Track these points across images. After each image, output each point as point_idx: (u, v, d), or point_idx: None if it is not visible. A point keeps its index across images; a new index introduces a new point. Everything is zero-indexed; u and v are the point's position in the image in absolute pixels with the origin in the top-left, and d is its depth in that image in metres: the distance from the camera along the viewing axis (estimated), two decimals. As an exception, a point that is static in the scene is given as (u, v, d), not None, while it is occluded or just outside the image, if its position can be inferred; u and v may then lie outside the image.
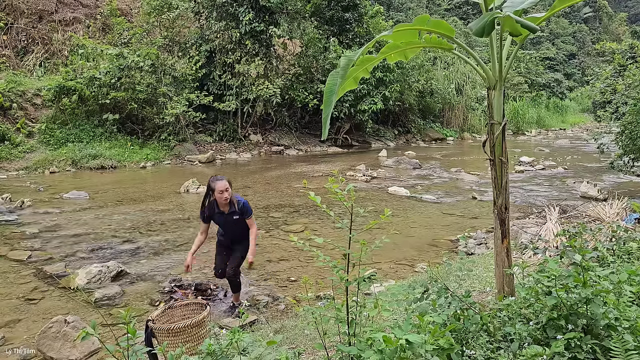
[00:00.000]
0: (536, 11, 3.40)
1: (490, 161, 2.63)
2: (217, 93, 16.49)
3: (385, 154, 16.51)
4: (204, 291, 4.67)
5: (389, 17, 28.04)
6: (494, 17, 2.12)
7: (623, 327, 1.89)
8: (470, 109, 25.58)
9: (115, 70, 13.84)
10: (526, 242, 5.36)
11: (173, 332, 2.99)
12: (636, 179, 10.63)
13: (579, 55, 47.51)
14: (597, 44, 12.79)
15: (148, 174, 12.77)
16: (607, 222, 5.19)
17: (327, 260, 2.04)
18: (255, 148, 17.23)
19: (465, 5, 40.26)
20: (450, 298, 2.18)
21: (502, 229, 2.63)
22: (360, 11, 19.60)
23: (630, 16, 54.60)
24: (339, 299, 2.05)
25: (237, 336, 1.85)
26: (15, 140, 12.76)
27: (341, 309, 1.95)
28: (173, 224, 7.33)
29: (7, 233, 6.77)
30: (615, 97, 9.56)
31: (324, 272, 5.04)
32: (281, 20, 17.48)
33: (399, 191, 9.77)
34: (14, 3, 16.37)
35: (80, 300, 4.50)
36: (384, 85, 18.45)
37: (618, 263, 2.93)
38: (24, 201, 8.43)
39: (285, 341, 3.21)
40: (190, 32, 17.60)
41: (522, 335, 1.96)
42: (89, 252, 5.99)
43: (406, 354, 1.64)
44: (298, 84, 18.12)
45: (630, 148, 8.58)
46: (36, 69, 15.98)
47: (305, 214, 7.95)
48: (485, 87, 2.65)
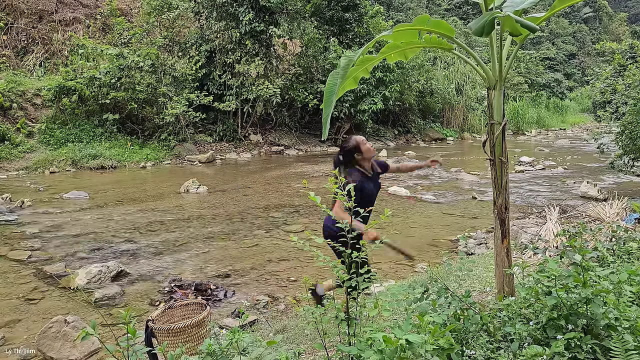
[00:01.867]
0: (536, 11, 3.40)
1: (490, 161, 2.64)
2: (217, 93, 16.49)
3: (385, 154, 16.51)
4: (204, 291, 4.67)
5: (389, 17, 28.03)
6: (493, 17, 2.12)
7: (623, 327, 1.89)
8: (470, 109, 25.57)
9: (115, 70, 13.84)
10: (526, 242, 5.36)
11: (173, 332, 2.98)
12: (636, 179, 10.63)
13: (579, 55, 47.50)
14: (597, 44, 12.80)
15: (148, 174, 12.77)
16: (607, 222, 5.19)
17: (327, 260, 2.04)
18: (255, 148, 17.23)
19: (465, 5, 40.26)
20: (450, 298, 2.18)
21: (502, 229, 2.63)
22: (360, 11, 19.60)
23: (630, 16, 54.59)
24: (339, 299, 2.05)
25: (237, 336, 1.85)
26: (15, 140, 12.76)
27: (341, 309, 1.95)
28: (173, 224, 7.33)
29: (7, 233, 6.77)
30: (615, 97, 9.55)
31: (324, 272, 5.04)
32: (281, 20, 17.48)
33: (399, 191, 9.77)
34: (14, 3, 16.37)
35: (80, 300, 4.50)
36: (384, 85, 18.45)
37: (618, 263, 2.93)
38: (24, 201, 8.43)
39: (285, 341, 3.21)
40: (190, 32, 17.60)
41: (522, 335, 1.96)
42: (89, 252, 5.99)
43: (406, 354, 1.64)
44: (298, 84, 18.12)
45: (630, 148, 8.58)
46: (36, 69, 15.98)
47: (305, 214, 7.95)
48: (485, 87, 2.65)
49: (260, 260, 5.66)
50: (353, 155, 3.35)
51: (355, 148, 3.33)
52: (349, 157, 3.36)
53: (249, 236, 6.70)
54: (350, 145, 3.35)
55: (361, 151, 3.33)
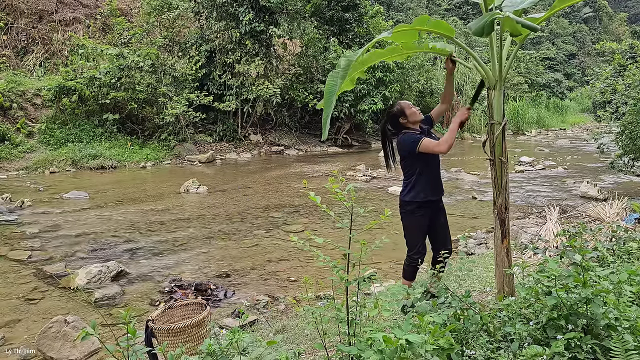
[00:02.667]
0: (536, 11, 3.40)
1: (490, 161, 2.64)
2: (217, 93, 16.49)
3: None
4: (204, 291, 4.67)
5: (389, 17, 28.03)
6: (493, 17, 2.12)
7: (623, 327, 1.89)
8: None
9: (115, 70, 13.83)
10: (526, 242, 5.36)
11: (173, 332, 2.98)
12: (636, 179, 10.63)
13: (579, 55, 47.49)
14: (597, 44, 12.78)
15: (148, 174, 12.77)
16: (607, 222, 5.19)
17: (327, 260, 2.04)
18: (255, 148, 17.23)
19: (465, 5, 40.25)
20: (450, 298, 2.18)
21: (502, 229, 2.63)
22: (360, 11, 19.59)
23: (630, 16, 54.57)
24: (339, 299, 2.05)
25: (237, 336, 1.85)
26: (15, 140, 12.76)
27: (341, 309, 1.95)
28: (173, 224, 7.33)
29: (7, 233, 6.77)
30: (615, 97, 9.54)
31: (324, 272, 5.04)
32: (281, 20, 17.48)
33: (399, 191, 9.76)
34: (14, 3, 16.36)
35: (80, 300, 4.50)
36: (384, 85, 18.44)
37: (618, 263, 2.93)
38: (24, 201, 8.43)
39: (285, 341, 3.21)
40: (190, 32, 17.60)
41: (522, 335, 1.96)
42: (89, 252, 5.99)
43: (406, 354, 1.64)
44: (298, 84, 18.12)
45: (630, 148, 8.57)
46: (36, 69, 15.98)
47: (305, 214, 7.95)
48: (486, 87, 2.65)
49: (260, 260, 5.66)
50: (398, 120, 3.35)
51: (400, 112, 3.33)
52: (395, 122, 3.36)
53: (249, 236, 6.70)
54: (395, 110, 3.36)
55: (406, 115, 3.33)
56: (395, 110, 3.37)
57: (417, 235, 3.38)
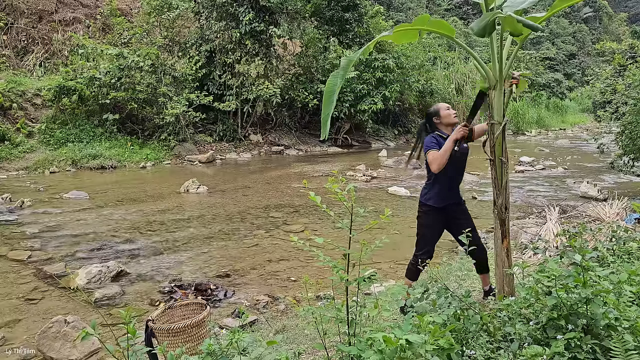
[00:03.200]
0: (536, 11, 3.40)
1: (490, 161, 2.64)
2: (217, 93, 16.49)
3: (385, 154, 16.51)
4: (204, 291, 4.67)
5: (389, 17, 27.99)
6: (495, 17, 2.12)
7: (623, 327, 1.89)
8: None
9: (115, 70, 13.83)
10: (526, 242, 5.36)
11: (173, 332, 2.98)
12: (636, 179, 10.63)
13: (579, 55, 47.49)
14: (597, 44, 12.78)
15: (148, 174, 12.77)
16: (607, 222, 5.19)
17: (327, 260, 2.04)
18: (255, 148, 17.23)
19: (465, 5, 40.26)
20: (450, 298, 2.18)
21: (502, 229, 2.63)
22: (360, 11, 19.59)
23: (630, 16, 54.58)
24: (339, 299, 2.05)
25: (237, 336, 1.85)
26: (15, 140, 12.75)
27: (341, 309, 1.95)
28: (173, 224, 7.33)
29: (7, 233, 6.77)
30: (615, 97, 9.55)
31: (324, 272, 5.04)
32: (281, 20, 17.47)
33: (398, 191, 9.77)
34: (14, 3, 16.36)
35: (80, 300, 4.50)
36: (384, 85, 18.44)
37: (618, 263, 2.94)
38: (24, 201, 8.43)
39: (285, 341, 3.21)
40: (190, 32, 17.59)
41: (522, 335, 1.96)
42: (89, 252, 5.99)
43: (406, 354, 1.64)
44: (298, 84, 18.11)
45: (630, 148, 8.58)
46: (36, 69, 15.97)
47: (305, 214, 7.95)
48: (486, 87, 2.65)
49: (260, 260, 5.65)
50: (432, 119, 3.40)
51: (435, 112, 3.39)
52: (430, 121, 3.42)
53: (249, 236, 6.70)
54: (432, 109, 3.44)
55: (440, 116, 3.36)
56: (431, 110, 3.46)
57: (427, 237, 3.42)
